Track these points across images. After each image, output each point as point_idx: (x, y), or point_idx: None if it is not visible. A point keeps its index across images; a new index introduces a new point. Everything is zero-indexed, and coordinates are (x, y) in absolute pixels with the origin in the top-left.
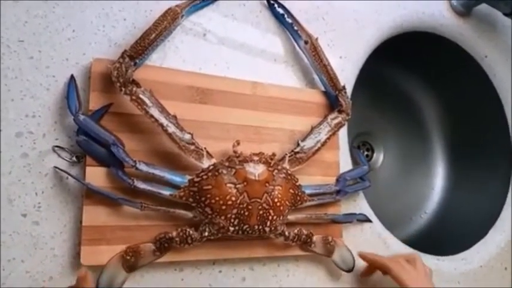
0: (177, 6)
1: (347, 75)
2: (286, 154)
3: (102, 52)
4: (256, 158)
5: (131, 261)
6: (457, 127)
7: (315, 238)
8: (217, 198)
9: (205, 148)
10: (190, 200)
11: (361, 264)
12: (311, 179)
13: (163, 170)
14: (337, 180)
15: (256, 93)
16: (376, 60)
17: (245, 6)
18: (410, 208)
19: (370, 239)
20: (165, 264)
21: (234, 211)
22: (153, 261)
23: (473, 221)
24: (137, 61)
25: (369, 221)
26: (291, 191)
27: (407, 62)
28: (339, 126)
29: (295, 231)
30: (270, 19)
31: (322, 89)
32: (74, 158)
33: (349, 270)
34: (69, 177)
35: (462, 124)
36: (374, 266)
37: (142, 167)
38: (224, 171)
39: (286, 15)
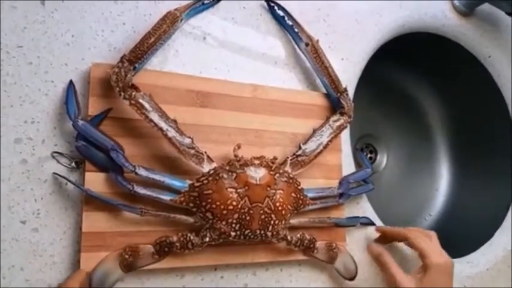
0: (176, 9)
1: (349, 76)
2: (288, 157)
3: (101, 57)
4: (257, 162)
5: (129, 261)
6: (461, 128)
7: (318, 244)
8: (218, 203)
9: (205, 152)
10: (191, 205)
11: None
12: (313, 182)
13: (163, 175)
14: (340, 183)
15: (257, 96)
16: (378, 62)
17: (245, 9)
18: (415, 210)
19: None
20: (166, 271)
21: (235, 216)
22: (152, 264)
23: (479, 222)
24: (136, 65)
25: (373, 224)
26: (293, 194)
27: (410, 63)
28: (341, 128)
29: (298, 235)
30: (270, 22)
31: (324, 91)
32: (73, 164)
33: (351, 279)
34: (69, 183)
35: (466, 125)
36: (391, 235)
37: (142, 172)
38: (225, 176)
39: (286, 18)
